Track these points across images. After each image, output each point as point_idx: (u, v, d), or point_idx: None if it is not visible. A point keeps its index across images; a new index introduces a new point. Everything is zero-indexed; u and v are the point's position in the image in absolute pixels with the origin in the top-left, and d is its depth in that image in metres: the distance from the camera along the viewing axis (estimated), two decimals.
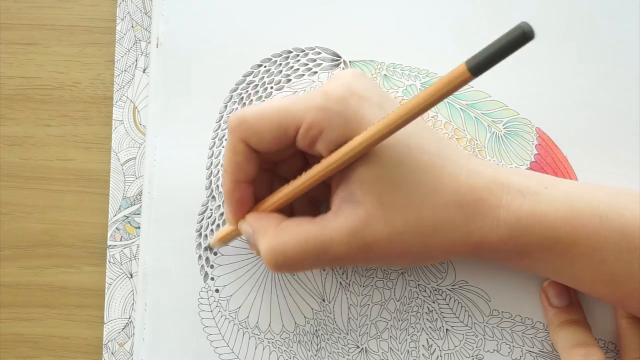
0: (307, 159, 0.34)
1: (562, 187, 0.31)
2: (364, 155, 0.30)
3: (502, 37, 0.23)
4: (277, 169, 0.35)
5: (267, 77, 0.37)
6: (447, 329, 0.36)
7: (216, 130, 0.37)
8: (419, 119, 0.28)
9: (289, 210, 0.35)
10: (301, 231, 0.30)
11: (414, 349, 0.36)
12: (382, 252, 0.30)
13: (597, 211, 0.30)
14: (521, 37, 0.22)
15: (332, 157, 0.30)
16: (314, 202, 0.35)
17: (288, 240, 0.30)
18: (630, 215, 0.29)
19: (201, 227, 0.37)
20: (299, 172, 0.31)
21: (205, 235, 0.37)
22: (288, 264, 0.31)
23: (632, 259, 0.29)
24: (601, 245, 0.29)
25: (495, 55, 0.23)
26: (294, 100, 0.31)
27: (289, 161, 0.34)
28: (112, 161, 0.39)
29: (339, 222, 0.30)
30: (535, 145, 0.36)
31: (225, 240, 0.35)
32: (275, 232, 0.31)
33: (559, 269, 0.31)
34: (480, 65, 0.23)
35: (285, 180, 0.32)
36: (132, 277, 0.38)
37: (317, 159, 0.31)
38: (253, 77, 0.37)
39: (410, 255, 0.31)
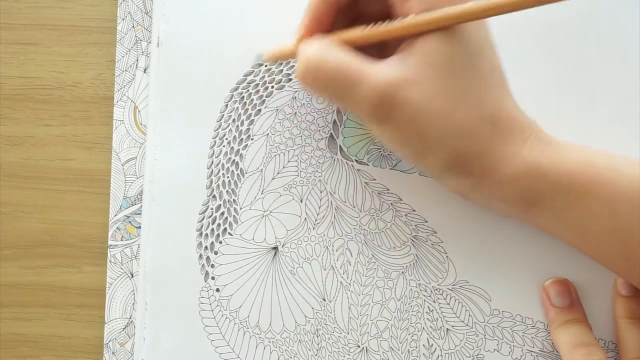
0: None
1: (582, 146, 0.32)
2: (443, 29, 0.30)
3: None
4: (359, 22, 0.34)
5: (268, 76, 0.37)
6: (447, 329, 0.36)
7: (217, 130, 0.38)
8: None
9: None
10: (344, 57, 0.31)
11: (414, 348, 0.36)
12: (401, 120, 0.30)
13: (613, 166, 0.30)
14: None
15: (419, 17, 0.30)
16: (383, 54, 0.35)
17: (328, 56, 0.31)
18: None
19: (202, 226, 0.37)
20: None
21: (206, 235, 0.37)
22: (313, 77, 0.31)
23: None
24: (614, 198, 0.29)
25: None
26: None
27: (374, 18, 0.33)
28: (112, 161, 0.39)
29: (382, 69, 0.30)
30: None
31: (278, 57, 0.35)
32: (321, 46, 0.31)
33: (567, 219, 0.31)
34: None
35: None
36: (132, 276, 0.38)
37: None
38: (254, 77, 0.37)
39: (421, 142, 0.30)
